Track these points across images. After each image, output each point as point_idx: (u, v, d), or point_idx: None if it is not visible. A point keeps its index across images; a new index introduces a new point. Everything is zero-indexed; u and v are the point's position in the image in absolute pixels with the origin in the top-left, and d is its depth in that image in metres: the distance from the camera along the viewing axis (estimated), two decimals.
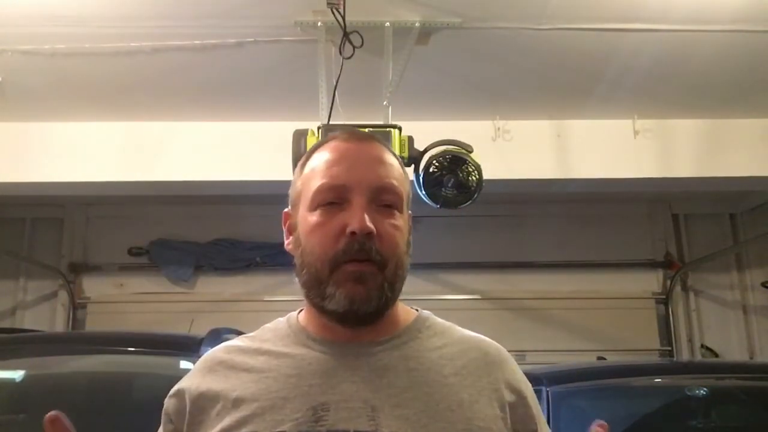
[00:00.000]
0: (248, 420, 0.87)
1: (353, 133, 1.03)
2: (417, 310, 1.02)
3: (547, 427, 1.00)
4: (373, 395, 0.88)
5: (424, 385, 0.90)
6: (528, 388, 0.99)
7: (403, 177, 0.99)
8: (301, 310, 1.01)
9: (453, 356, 0.96)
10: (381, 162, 0.96)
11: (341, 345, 0.93)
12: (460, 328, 1.03)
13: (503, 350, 1.01)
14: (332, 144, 0.98)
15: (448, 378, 0.92)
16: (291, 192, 1.02)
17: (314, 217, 0.93)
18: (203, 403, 0.92)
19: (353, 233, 0.89)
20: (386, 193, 0.94)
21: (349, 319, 0.91)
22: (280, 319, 1.03)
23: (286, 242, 1.01)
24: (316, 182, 0.94)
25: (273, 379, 0.91)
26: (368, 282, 0.89)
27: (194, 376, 0.97)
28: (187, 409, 0.92)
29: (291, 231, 0.99)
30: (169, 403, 0.96)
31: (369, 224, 0.89)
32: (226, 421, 0.88)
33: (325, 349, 0.93)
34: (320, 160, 0.97)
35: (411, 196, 1.01)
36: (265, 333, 1.00)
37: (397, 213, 0.94)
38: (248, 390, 0.90)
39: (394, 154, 1.01)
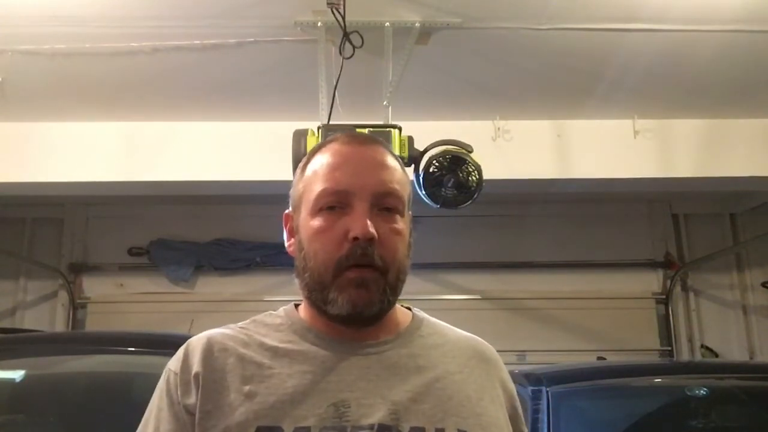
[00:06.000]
0: (267, 413, 0.86)
1: (354, 135, 1.04)
2: (410, 309, 1.04)
3: (525, 427, 1.03)
4: (389, 391, 0.89)
5: (435, 381, 0.93)
6: (514, 389, 1.03)
7: (405, 179, 1.00)
8: (297, 305, 1.01)
9: (454, 354, 0.98)
10: (383, 166, 0.96)
11: (348, 343, 0.94)
12: (450, 326, 1.05)
13: (494, 350, 1.05)
14: (333, 147, 0.98)
15: (454, 375, 0.95)
16: (292, 194, 1.02)
17: (316, 222, 0.93)
18: (212, 392, 0.89)
19: (356, 239, 0.89)
20: (388, 197, 0.94)
21: (352, 321, 0.93)
22: (273, 312, 1.01)
23: (287, 244, 1.01)
24: (318, 186, 0.94)
25: (287, 374, 0.90)
26: (370, 287, 0.91)
27: (198, 360, 0.91)
28: (199, 396, 0.89)
29: (292, 233, 0.99)
30: (184, 395, 0.90)
31: (371, 230, 0.90)
32: (241, 413, 0.86)
33: (333, 347, 0.94)
34: (321, 163, 0.97)
35: (412, 197, 1.01)
36: (260, 327, 0.98)
37: (398, 217, 0.95)
38: (261, 384, 0.89)
39: (395, 156, 1.01)
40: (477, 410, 0.91)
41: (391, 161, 0.98)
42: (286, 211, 1.02)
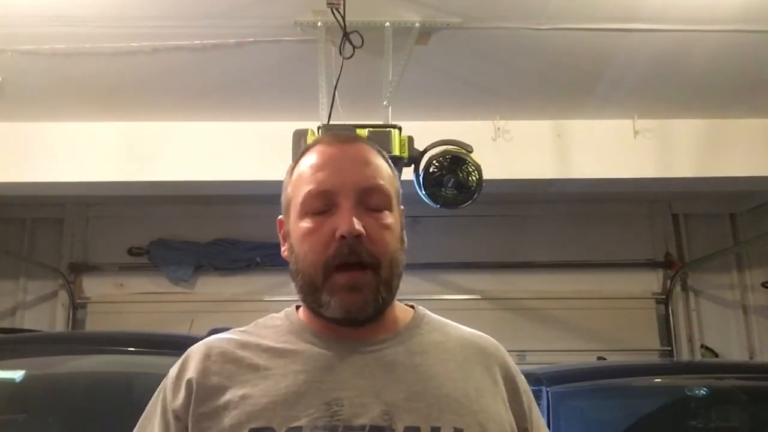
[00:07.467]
0: (259, 415, 0.87)
1: (337, 135, 1.04)
2: (413, 307, 1.04)
3: (542, 418, 1.02)
4: (384, 390, 0.89)
5: (431, 379, 0.92)
6: (522, 382, 1.02)
7: (391, 175, 1.00)
8: (299, 307, 1.01)
9: (454, 351, 0.98)
10: (366, 163, 0.97)
11: (346, 342, 0.94)
12: (455, 324, 1.05)
13: (499, 345, 1.04)
14: (317, 148, 0.99)
15: (453, 372, 0.94)
16: (282, 199, 1.03)
17: (305, 224, 0.94)
18: (207, 396, 0.90)
19: (342, 237, 0.89)
20: (373, 193, 0.94)
21: (348, 323, 0.93)
22: (275, 315, 1.02)
23: (282, 249, 1.01)
24: (304, 189, 0.95)
25: (281, 375, 0.91)
26: (363, 290, 0.91)
27: (193, 366, 0.94)
28: (192, 400, 0.90)
29: (285, 238, 1.00)
30: (173, 399, 0.92)
31: (357, 226, 0.89)
32: (234, 415, 0.87)
33: (331, 346, 0.94)
34: (306, 165, 0.98)
35: (401, 192, 1.01)
36: (261, 329, 1.00)
37: (386, 212, 0.95)
38: (257, 386, 0.90)
39: (380, 152, 1.01)
40: (475, 407, 0.91)
41: (375, 158, 0.99)
42: (279, 217, 1.03)
